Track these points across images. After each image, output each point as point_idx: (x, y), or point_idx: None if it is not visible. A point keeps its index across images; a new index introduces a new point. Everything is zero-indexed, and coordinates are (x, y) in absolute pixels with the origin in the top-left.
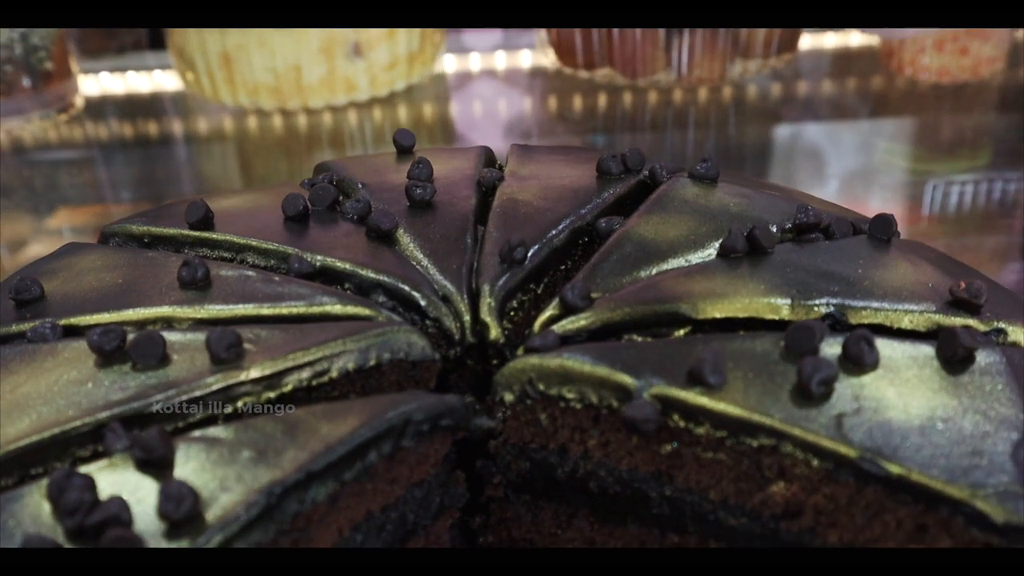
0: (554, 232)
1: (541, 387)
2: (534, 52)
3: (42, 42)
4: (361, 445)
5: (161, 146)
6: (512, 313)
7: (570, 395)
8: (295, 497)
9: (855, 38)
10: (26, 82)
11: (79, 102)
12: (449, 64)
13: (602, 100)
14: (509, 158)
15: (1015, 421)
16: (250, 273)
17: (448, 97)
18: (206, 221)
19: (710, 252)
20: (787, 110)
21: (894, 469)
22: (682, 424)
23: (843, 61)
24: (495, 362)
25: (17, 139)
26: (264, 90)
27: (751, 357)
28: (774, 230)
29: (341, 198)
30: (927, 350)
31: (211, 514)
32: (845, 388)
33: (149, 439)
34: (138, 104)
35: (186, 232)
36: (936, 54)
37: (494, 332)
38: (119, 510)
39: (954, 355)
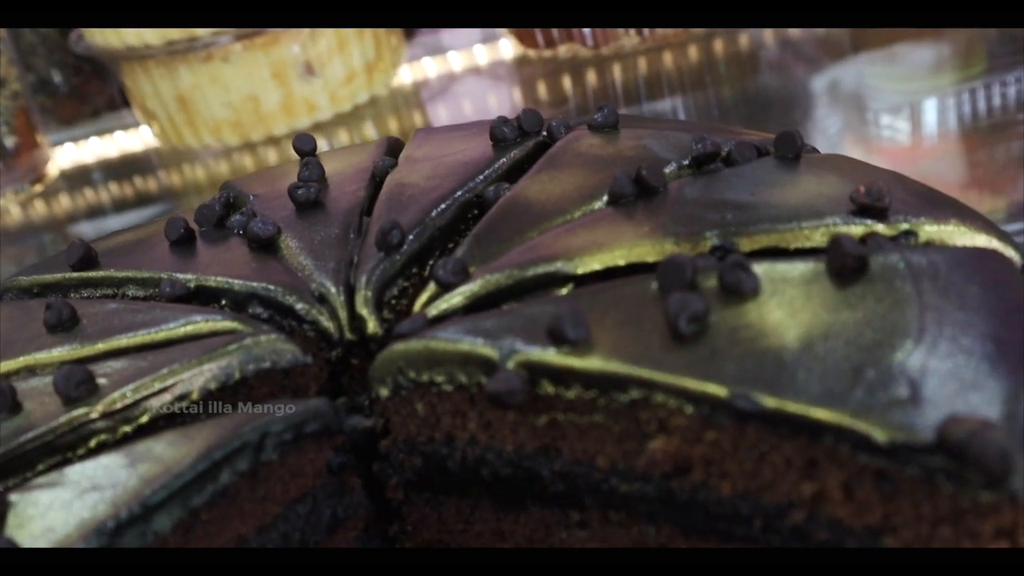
0: (436, 211)
1: (412, 375)
2: (491, 45)
3: (2, 118)
4: (209, 468)
5: (144, 205)
6: (393, 302)
7: (439, 378)
8: (134, 531)
9: None
10: None
11: (53, 172)
12: (406, 71)
13: (568, 80)
14: (409, 144)
15: (908, 328)
16: (116, 306)
17: (415, 104)
18: (87, 260)
19: (600, 203)
20: (763, 58)
21: (769, 403)
22: (551, 390)
23: None
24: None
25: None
26: (225, 126)
27: (620, 304)
28: (673, 168)
29: (229, 214)
30: (818, 267)
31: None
32: (721, 322)
33: None
34: (123, 165)
35: (69, 275)
36: None
37: (371, 325)
38: None
39: (843, 266)
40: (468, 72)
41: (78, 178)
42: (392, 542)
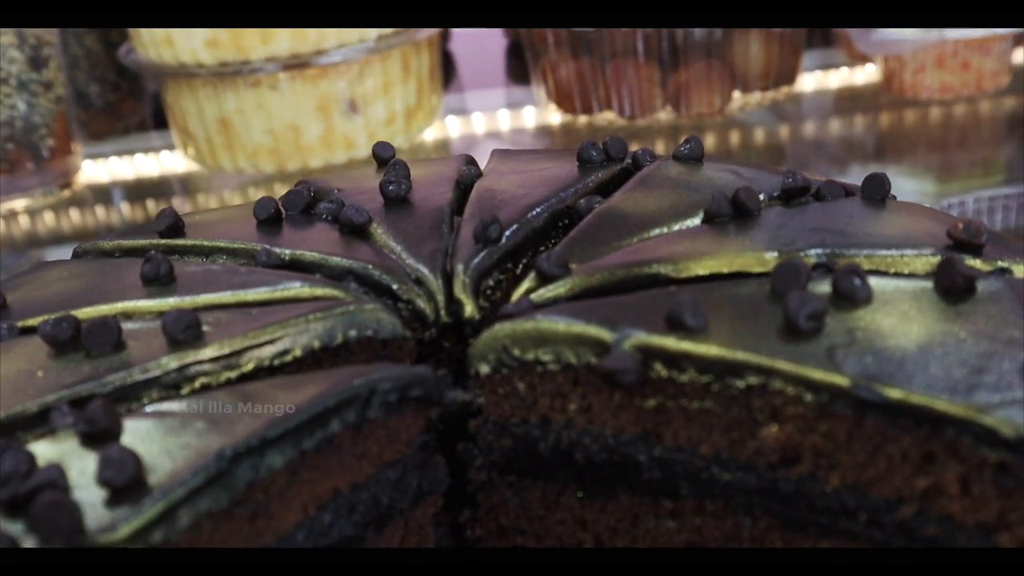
0: (532, 214)
1: (516, 352)
2: (537, 109)
3: (43, 120)
4: (322, 413)
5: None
6: (489, 292)
7: (547, 357)
8: (248, 463)
9: (858, 74)
10: (28, 159)
11: (81, 180)
12: (452, 126)
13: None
14: (489, 161)
15: (1021, 341)
16: (215, 267)
17: (447, 154)
18: (175, 228)
19: (695, 220)
20: (792, 147)
21: (892, 393)
22: (664, 373)
23: (846, 94)
24: (472, 342)
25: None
26: (263, 153)
27: (734, 301)
28: (763, 198)
29: (315, 202)
30: (924, 284)
31: (154, 480)
32: (836, 323)
33: (92, 411)
34: (148, 185)
35: (155, 241)
36: (937, 71)
37: (469, 309)
38: (54, 475)
39: (953, 285)
40: (494, 133)
41: (103, 191)
42: (461, 529)
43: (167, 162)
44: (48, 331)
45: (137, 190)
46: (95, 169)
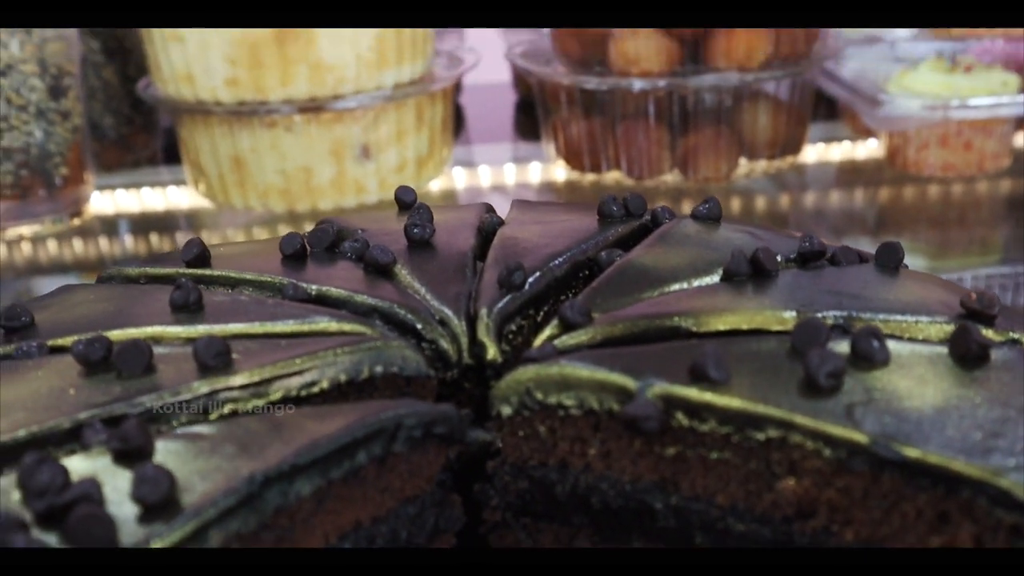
0: (554, 263)
1: (539, 396)
2: (544, 165)
3: (58, 148)
4: (350, 444)
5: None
6: (511, 336)
7: (569, 402)
8: (278, 488)
9: (861, 148)
10: (40, 186)
11: (91, 210)
12: (459, 177)
13: None
14: (510, 211)
15: None
16: (242, 298)
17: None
18: (202, 259)
19: (713, 278)
20: (794, 215)
21: (910, 452)
22: (686, 423)
23: (848, 167)
24: (493, 384)
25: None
26: (274, 192)
27: (755, 356)
28: (780, 260)
29: (340, 241)
30: (940, 350)
31: (187, 500)
32: (855, 382)
33: (127, 429)
34: (151, 219)
35: (181, 270)
36: (940, 149)
37: (491, 351)
38: (90, 489)
39: (968, 351)
40: (500, 187)
41: (110, 221)
42: None
43: (175, 197)
44: (81, 351)
45: (143, 223)
46: (103, 200)
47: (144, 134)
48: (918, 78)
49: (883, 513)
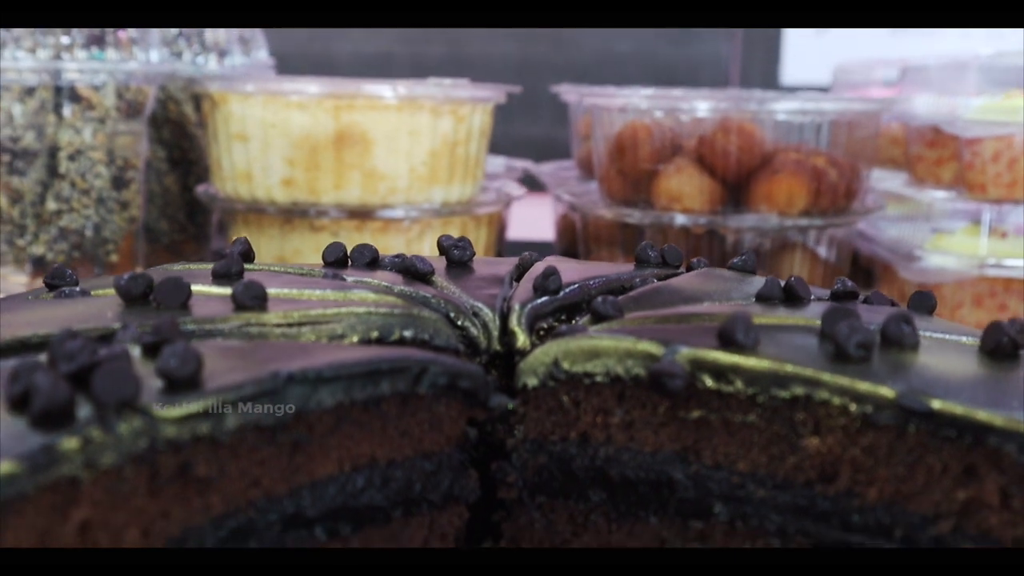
0: (591, 282)
1: (566, 365)
2: None
3: (112, 236)
4: (375, 371)
5: None
6: (541, 332)
7: (595, 370)
8: (300, 391)
9: None
10: (90, 271)
11: None
12: None
13: None
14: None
15: None
16: (282, 275)
17: None
18: (247, 255)
19: (747, 301)
20: None
21: (937, 404)
22: (711, 384)
23: None
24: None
25: None
26: None
27: (783, 332)
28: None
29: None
30: (971, 342)
31: (212, 382)
32: (884, 357)
33: (160, 323)
34: None
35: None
36: (974, 309)
37: (521, 339)
38: (120, 353)
39: (999, 346)
40: None
41: None
42: None
43: None
44: (123, 285)
45: None
46: None
47: (195, 243)
48: (954, 240)
49: (908, 469)
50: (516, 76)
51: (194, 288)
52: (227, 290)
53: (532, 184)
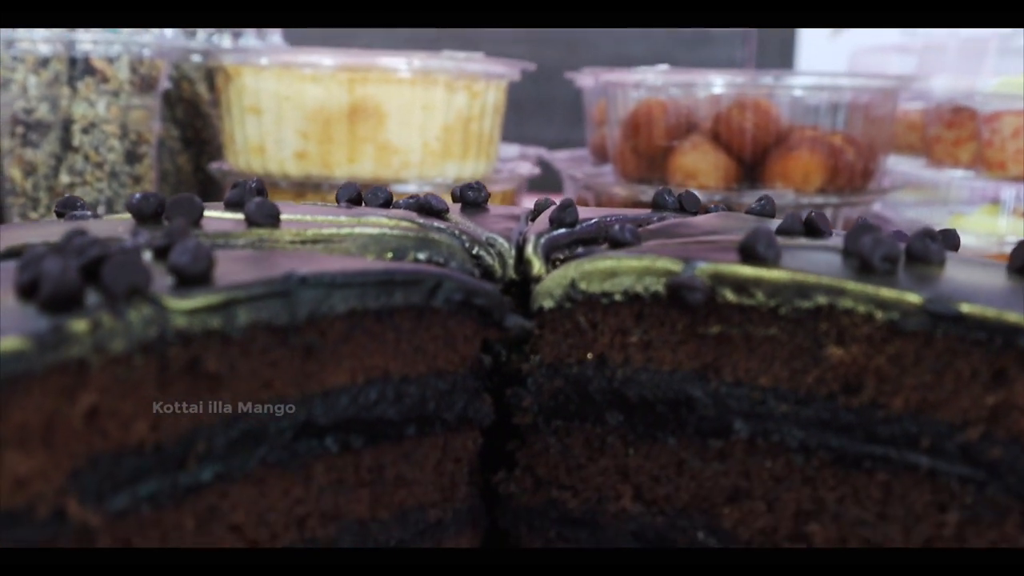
0: (608, 218)
1: (583, 286)
2: None
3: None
4: (389, 281)
5: None
6: (557, 263)
7: (613, 288)
8: (312, 294)
9: None
10: None
11: None
12: None
13: None
14: None
15: None
16: (297, 205)
17: None
18: (261, 191)
19: None
20: None
21: (964, 307)
22: (732, 298)
23: None
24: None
25: None
26: None
27: (806, 250)
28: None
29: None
30: (997, 264)
31: (224, 280)
32: (910, 271)
33: (172, 226)
34: None
35: None
36: None
37: (537, 267)
38: (130, 247)
39: None
40: None
41: None
42: (493, 490)
43: None
44: (135, 203)
45: None
46: None
47: None
48: (973, 220)
49: (935, 377)
50: (529, 79)
51: (207, 213)
52: (240, 215)
53: (545, 184)
